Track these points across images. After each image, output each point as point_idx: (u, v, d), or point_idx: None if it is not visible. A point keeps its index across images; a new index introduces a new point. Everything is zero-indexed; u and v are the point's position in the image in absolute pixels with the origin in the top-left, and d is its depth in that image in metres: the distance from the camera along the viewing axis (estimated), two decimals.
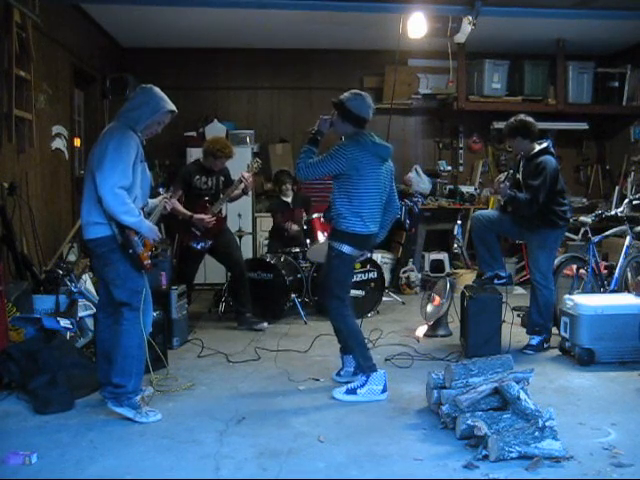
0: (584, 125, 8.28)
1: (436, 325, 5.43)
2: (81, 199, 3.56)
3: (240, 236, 6.25)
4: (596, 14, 5.90)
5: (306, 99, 8.36)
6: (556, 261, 5.10)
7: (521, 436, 2.98)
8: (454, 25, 6.05)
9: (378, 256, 7.16)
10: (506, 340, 4.74)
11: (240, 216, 6.38)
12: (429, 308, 5.56)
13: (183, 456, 3.07)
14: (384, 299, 6.47)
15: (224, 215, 5.79)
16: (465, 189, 8.00)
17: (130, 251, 3.45)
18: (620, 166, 8.15)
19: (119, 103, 5.05)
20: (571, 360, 4.62)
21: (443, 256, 7.84)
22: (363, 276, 6.00)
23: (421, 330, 5.47)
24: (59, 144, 6.03)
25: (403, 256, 7.72)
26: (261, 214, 7.81)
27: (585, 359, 4.49)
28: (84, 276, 4.96)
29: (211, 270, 6.86)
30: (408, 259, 7.59)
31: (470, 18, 5.73)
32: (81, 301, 4.70)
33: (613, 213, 5.65)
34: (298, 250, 6.30)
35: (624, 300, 4.74)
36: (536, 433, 2.98)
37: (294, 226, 6.49)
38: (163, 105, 3.57)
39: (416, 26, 6.22)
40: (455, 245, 7.70)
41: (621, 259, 5.42)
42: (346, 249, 3.91)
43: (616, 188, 8.06)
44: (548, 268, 4.89)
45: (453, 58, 7.60)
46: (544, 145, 4.83)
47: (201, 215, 5.48)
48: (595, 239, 5.37)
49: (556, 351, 4.86)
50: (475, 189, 8.05)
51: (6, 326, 4.15)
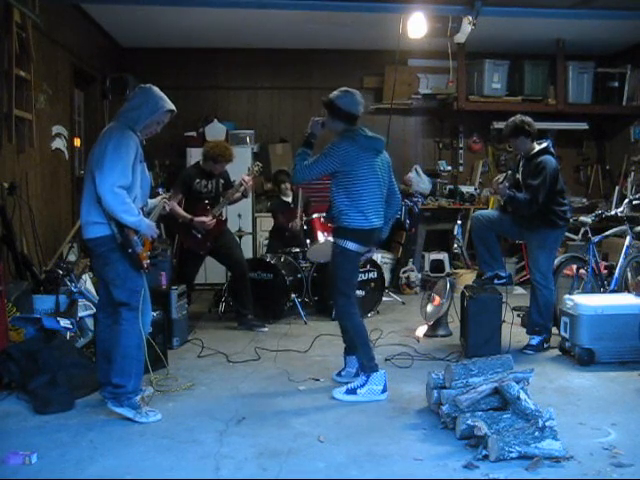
0: (584, 125, 8.27)
1: (436, 325, 5.43)
2: (81, 199, 3.57)
3: (240, 236, 6.27)
4: (596, 14, 5.89)
5: (306, 99, 8.36)
6: (556, 261, 5.10)
7: (521, 436, 2.97)
8: (454, 25, 6.05)
9: (378, 256, 7.15)
10: (506, 340, 4.74)
11: (240, 216, 6.38)
12: (429, 308, 5.56)
13: (183, 456, 3.07)
14: (384, 299, 6.48)
15: (224, 218, 5.80)
16: (465, 189, 8.00)
17: (129, 250, 3.45)
18: (620, 166, 8.15)
19: (119, 103, 5.06)
20: (571, 360, 4.62)
21: (443, 256, 7.83)
22: (363, 276, 5.99)
23: (421, 330, 5.47)
24: (59, 144, 6.02)
25: (403, 256, 7.72)
26: (261, 214, 7.81)
27: (585, 359, 4.49)
28: (84, 276, 4.96)
29: (211, 270, 6.85)
30: (408, 259, 7.59)
31: (470, 18, 5.72)
32: (81, 301, 4.70)
33: (613, 213, 5.65)
34: (298, 250, 6.30)
35: (624, 300, 4.75)
36: (536, 433, 2.98)
37: (296, 221, 6.45)
38: (162, 105, 3.58)
39: (416, 26, 6.23)
40: (455, 245, 7.70)
41: (621, 259, 5.42)
42: (350, 245, 3.90)
43: (616, 188, 8.05)
44: (548, 268, 4.89)
45: (453, 58, 7.60)
46: (544, 145, 4.83)
47: (202, 217, 5.49)
48: (595, 239, 5.37)
49: (556, 351, 4.86)
50: (475, 189, 8.05)
51: (6, 326, 4.15)
